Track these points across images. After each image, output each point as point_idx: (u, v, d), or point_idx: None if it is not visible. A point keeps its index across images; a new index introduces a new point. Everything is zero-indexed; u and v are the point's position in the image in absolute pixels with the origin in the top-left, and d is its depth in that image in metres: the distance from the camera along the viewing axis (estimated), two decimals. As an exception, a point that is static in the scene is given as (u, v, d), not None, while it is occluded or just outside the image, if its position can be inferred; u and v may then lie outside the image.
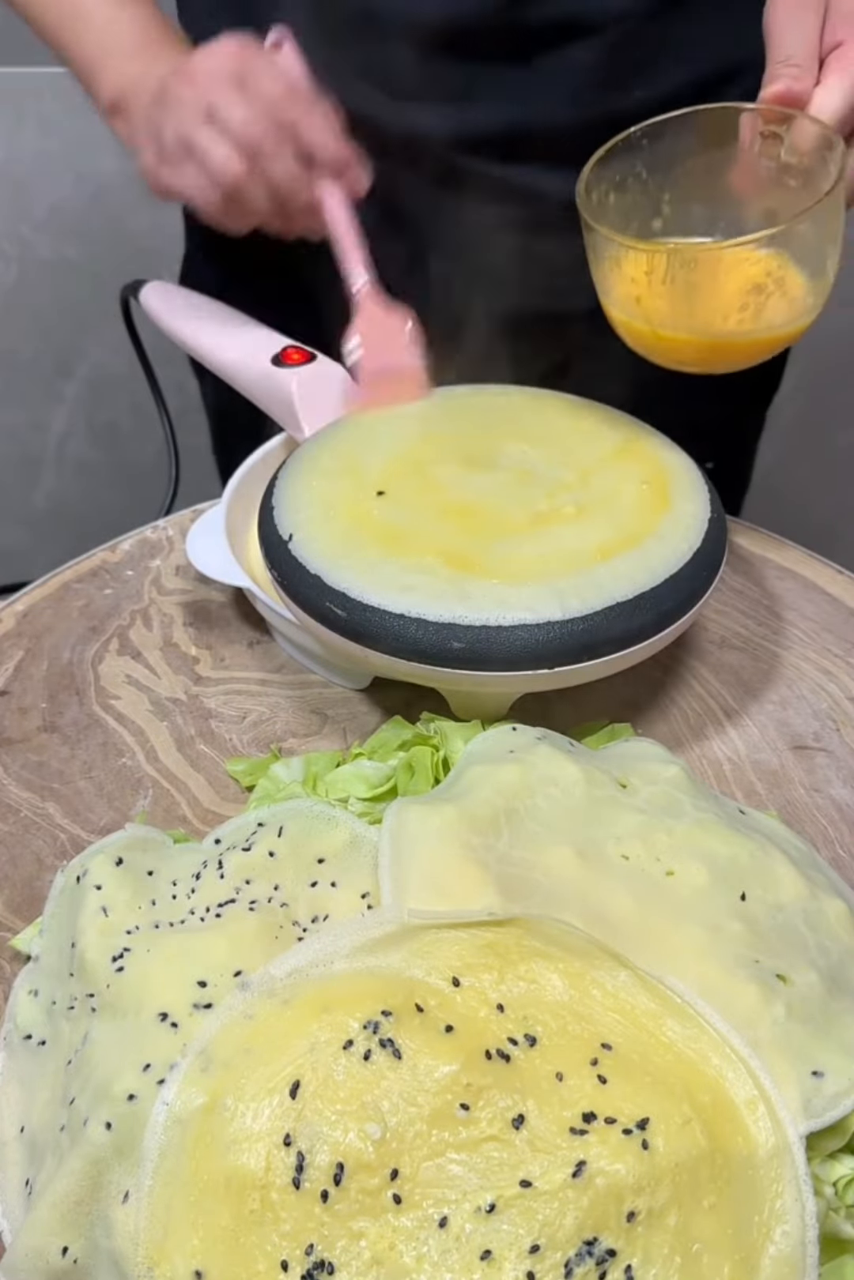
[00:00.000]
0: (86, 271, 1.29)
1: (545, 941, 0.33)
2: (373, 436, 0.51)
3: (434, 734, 0.44)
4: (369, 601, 0.44)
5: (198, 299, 0.67)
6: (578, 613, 0.43)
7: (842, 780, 0.48)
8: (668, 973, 0.33)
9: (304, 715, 0.52)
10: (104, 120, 0.67)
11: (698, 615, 0.48)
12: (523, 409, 0.54)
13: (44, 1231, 0.30)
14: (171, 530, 0.62)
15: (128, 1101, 0.30)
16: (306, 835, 0.38)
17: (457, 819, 0.36)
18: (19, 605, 0.57)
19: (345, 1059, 0.30)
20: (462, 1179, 0.28)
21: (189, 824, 0.46)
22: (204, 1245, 0.28)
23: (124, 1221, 0.29)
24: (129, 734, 0.50)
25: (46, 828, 0.46)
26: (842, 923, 0.37)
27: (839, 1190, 0.31)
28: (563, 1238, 0.27)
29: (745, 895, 0.36)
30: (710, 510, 0.49)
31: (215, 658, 0.55)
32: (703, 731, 0.51)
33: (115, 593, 0.58)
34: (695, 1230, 0.28)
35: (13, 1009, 0.37)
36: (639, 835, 0.37)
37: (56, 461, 1.44)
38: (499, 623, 0.43)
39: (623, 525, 0.46)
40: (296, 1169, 0.28)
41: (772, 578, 0.60)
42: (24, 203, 1.25)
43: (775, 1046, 0.32)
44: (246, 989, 0.32)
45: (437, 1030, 0.30)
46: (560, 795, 0.38)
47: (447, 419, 0.52)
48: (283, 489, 0.50)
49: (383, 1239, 0.28)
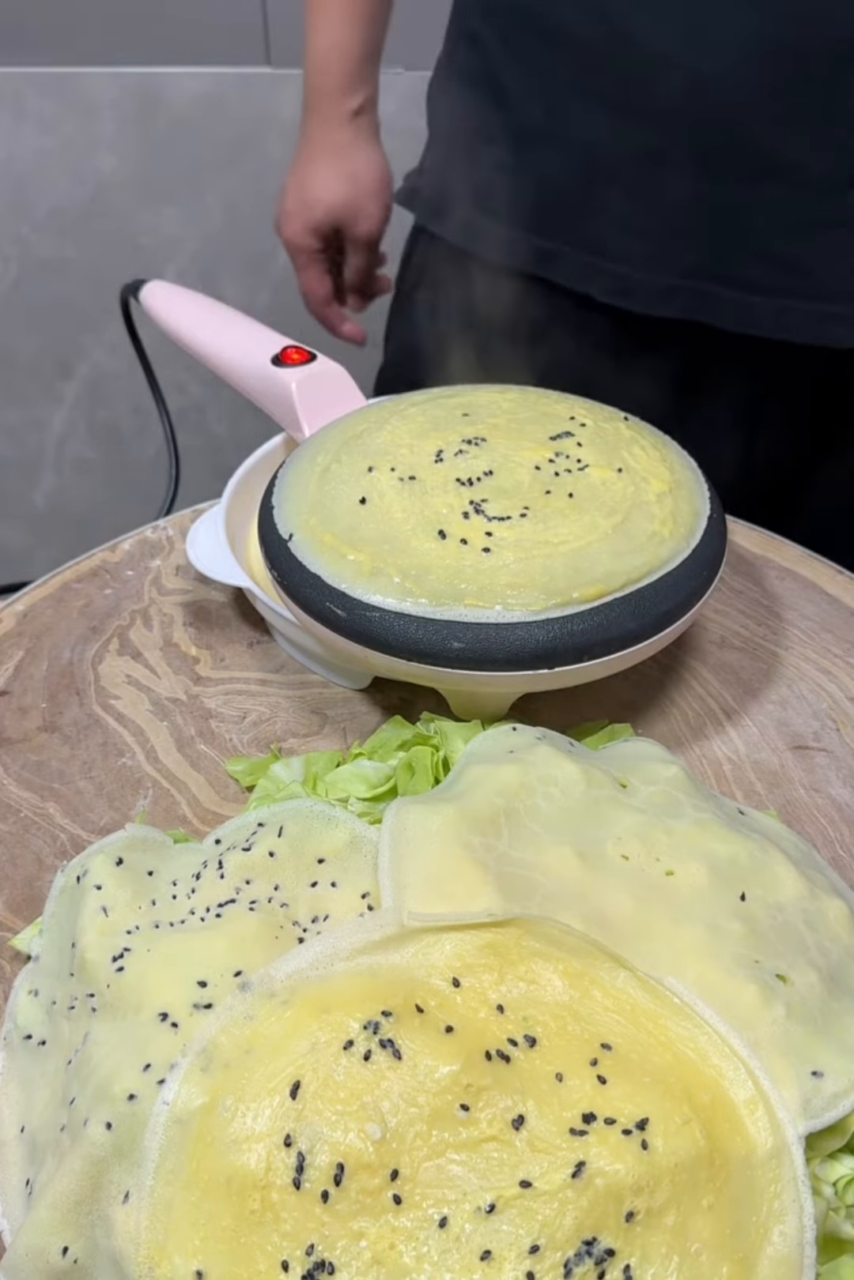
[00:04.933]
0: (86, 271, 1.29)
1: (545, 942, 0.33)
2: (373, 435, 0.51)
3: (434, 734, 0.44)
4: (369, 601, 0.44)
5: (198, 299, 0.67)
6: (578, 612, 0.43)
7: (842, 780, 0.49)
8: (667, 973, 0.33)
9: (304, 715, 0.52)
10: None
11: (698, 615, 0.48)
12: (522, 406, 0.54)
13: (44, 1231, 0.30)
14: (171, 530, 0.63)
15: (128, 1101, 0.30)
16: (306, 835, 0.38)
17: (456, 819, 0.36)
18: (19, 605, 0.57)
19: (346, 1059, 0.30)
20: (462, 1179, 0.28)
21: (189, 824, 0.46)
22: (205, 1245, 0.28)
23: (124, 1221, 0.29)
24: (129, 734, 0.51)
25: (46, 828, 0.46)
26: (842, 923, 0.37)
27: (839, 1190, 0.31)
28: (562, 1238, 0.27)
29: (745, 895, 0.36)
30: (710, 510, 0.49)
31: (215, 658, 0.55)
32: (703, 731, 0.51)
33: (115, 593, 0.58)
34: (694, 1230, 0.28)
35: (13, 1009, 0.37)
36: (639, 835, 0.37)
37: (56, 461, 1.44)
38: (499, 622, 0.43)
39: (622, 525, 0.46)
40: (297, 1169, 0.28)
41: (772, 578, 0.60)
42: (24, 203, 1.25)
43: (775, 1046, 0.32)
44: (247, 989, 0.32)
45: (437, 1031, 0.30)
46: (560, 795, 0.38)
47: (447, 417, 0.52)
48: (283, 489, 0.50)
49: (383, 1239, 0.28)
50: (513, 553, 0.45)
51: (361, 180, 0.83)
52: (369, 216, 0.85)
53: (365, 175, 0.84)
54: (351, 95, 0.81)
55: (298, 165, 0.84)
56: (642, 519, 0.47)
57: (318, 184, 0.83)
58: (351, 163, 0.83)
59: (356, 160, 0.83)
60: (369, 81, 0.82)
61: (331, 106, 0.81)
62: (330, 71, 0.80)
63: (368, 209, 0.84)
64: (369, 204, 0.84)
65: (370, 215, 0.85)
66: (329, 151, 0.82)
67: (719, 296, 0.67)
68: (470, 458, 0.49)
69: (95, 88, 1.19)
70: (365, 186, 0.84)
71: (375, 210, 0.85)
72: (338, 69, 0.80)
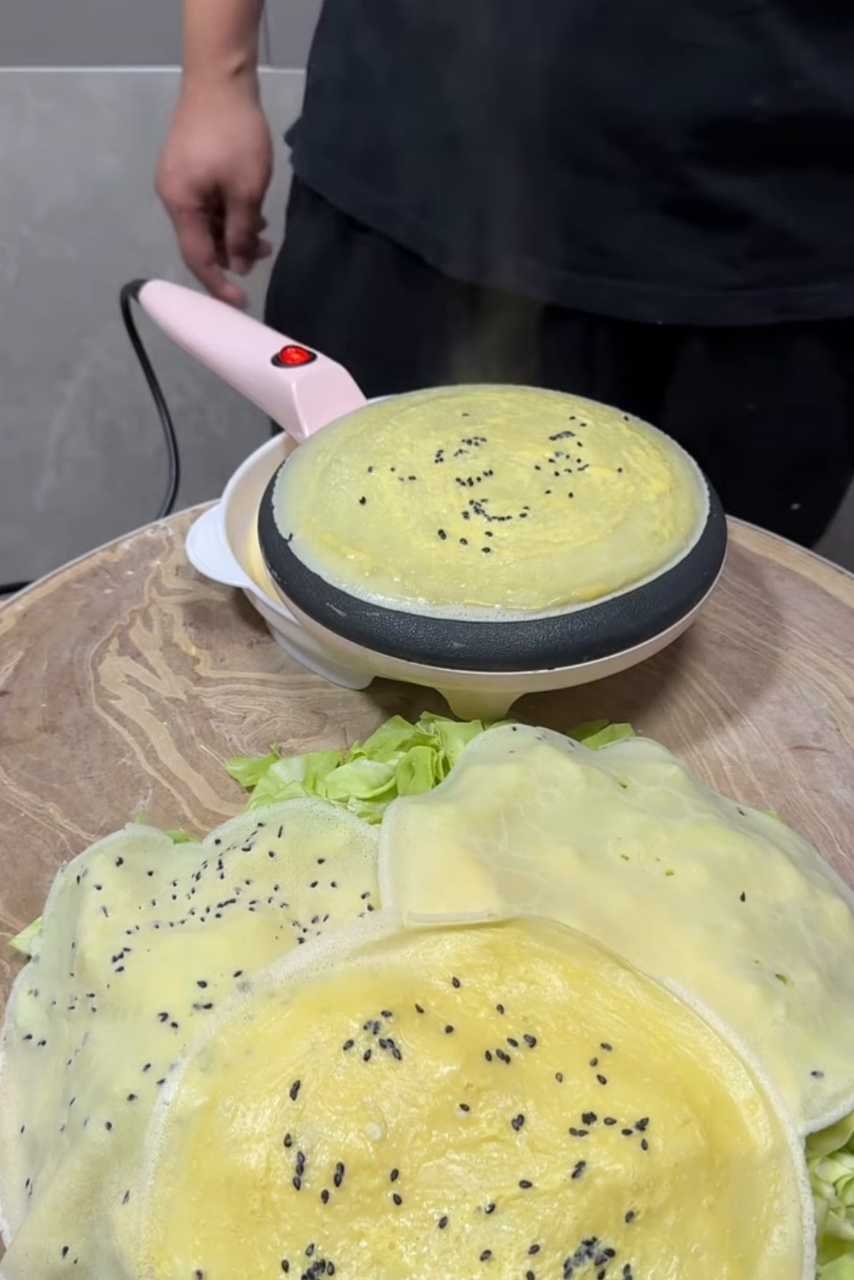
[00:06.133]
0: (86, 271, 1.29)
1: (545, 942, 0.33)
2: (373, 435, 0.51)
3: (434, 734, 0.44)
4: (369, 601, 0.44)
5: (198, 299, 0.67)
6: (578, 612, 0.43)
7: (842, 780, 0.49)
8: (667, 973, 0.33)
9: (304, 715, 0.52)
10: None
11: (698, 615, 0.48)
12: (522, 406, 0.54)
13: (44, 1231, 0.30)
14: (171, 530, 0.63)
15: (128, 1101, 0.30)
16: (307, 835, 0.38)
17: (456, 819, 0.36)
18: (19, 605, 0.57)
19: (346, 1059, 0.30)
20: (462, 1179, 0.28)
21: (189, 824, 0.46)
22: (205, 1245, 0.28)
23: (125, 1221, 0.29)
24: (129, 734, 0.51)
25: (46, 828, 0.46)
26: (842, 923, 0.37)
27: (839, 1190, 0.31)
28: (562, 1238, 0.27)
29: (745, 895, 0.36)
30: (710, 510, 0.49)
31: (215, 658, 0.55)
32: (703, 731, 0.51)
33: (115, 593, 0.58)
34: (694, 1230, 0.28)
35: (13, 1009, 0.37)
36: (639, 835, 0.37)
37: (56, 461, 1.44)
38: (499, 622, 0.43)
39: (622, 524, 0.46)
40: (297, 1169, 0.28)
41: (772, 578, 0.60)
42: (24, 203, 1.25)
43: (775, 1047, 0.32)
44: (247, 990, 0.32)
45: (437, 1031, 0.30)
46: (560, 795, 0.38)
47: (447, 417, 0.52)
48: (283, 489, 0.50)
49: (383, 1239, 0.28)
50: (513, 552, 0.45)
51: (241, 140, 0.85)
52: (249, 176, 0.86)
53: (245, 135, 0.85)
54: (230, 55, 0.82)
55: (177, 125, 0.85)
56: (641, 519, 0.47)
57: (198, 143, 0.84)
58: (231, 122, 0.84)
59: (237, 120, 0.84)
60: (248, 42, 0.83)
61: (210, 66, 0.82)
62: (208, 31, 0.81)
63: (247, 169, 0.86)
64: (249, 164, 0.86)
65: (250, 175, 0.86)
66: (209, 110, 0.84)
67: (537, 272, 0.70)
68: (470, 458, 0.49)
69: (95, 88, 1.19)
70: (245, 146, 0.85)
71: (255, 170, 0.86)
72: (216, 29, 0.81)
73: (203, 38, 0.81)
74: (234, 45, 0.82)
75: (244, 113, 0.85)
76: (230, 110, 0.84)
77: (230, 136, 0.84)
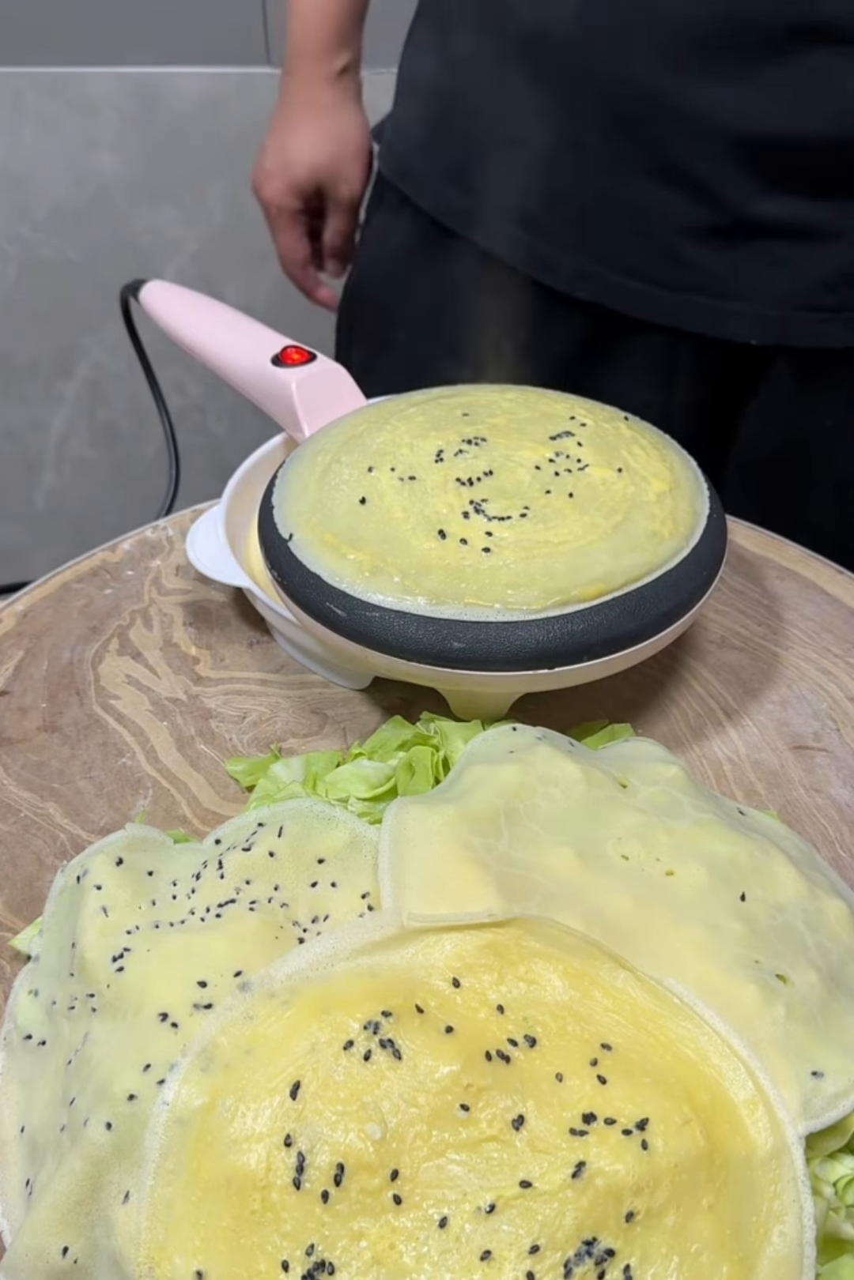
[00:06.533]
0: (86, 271, 1.29)
1: (545, 942, 0.33)
2: (373, 435, 0.51)
3: (434, 734, 0.44)
4: (369, 601, 0.44)
5: (198, 299, 0.67)
6: (578, 612, 0.43)
7: (842, 780, 0.49)
8: (667, 973, 0.33)
9: (304, 715, 0.52)
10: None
11: (698, 615, 0.48)
12: (522, 406, 0.54)
13: (44, 1231, 0.30)
14: (171, 530, 0.63)
15: (128, 1101, 0.30)
16: (307, 835, 0.38)
17: (456, 819, 0.36)
18: (19, 605, 0.57)
19: (346, 1059, 0.30)
20: (462, 1179, 0.28)
21: (189, 824, 0.46)
22: (205, 1245, 0.28)
23: (125, 1222, 0.29)
24: (129, 734, 0.51)
25: (46, 828, 0.46)
26: (842, 923, 0.37)
27: (839, 1190, 0.31)
28: (562, 1238, 0.27)
29: (745, 895, 0.36)
30: (710, 510, 0.49)
31: (215, 658, 0.55)
32: (703, 731, 0.51)
33: (115, 593, 0.58)
34: (694, 1230, 0.28)
35: (13, 1009, 0.37)
36: (639, 835, 0.37)
37: (56, 461, 1.44)
38: (499, 621, 0.43)
39: (622, 524, 0.46)
40: (297, 1169, 0.28)
41: (772, 578, 0.60)
42: (24, 203, 1.25)
43: (775, 1047, 0.32)
44: (247, 990, 0.32)
45: (437, 1031, 0.30)
46: (560, 795, 0.38)
47: (447, 417, 0.52)
48: (283, 489, 0.50)
49: (383, 1239, 0.28)
50: (513, 552, 0.45)
51: (345, 141, 0.84)
52: (351, 178, 0.85)
53: (349, 136, 0.84)
54: (336, 56, 0.81)
55: (278, 126, 0.84)
56: (641, 519, 0.47)
57: (301, 144, 0.83)
58: (335, 124, 0.83)
59: (340, 121, 0.83)
60: (353, 43, 0.83)
61: (315, 67, 0.81)
62: (315, 31, 0.80)
63: (350, 170, 0.85)
64: (351, 165, 0.85)
65: (352, 177, 0.85)
66: (313, 112, 0.83)
67: (624, 286, 0.70)
68: (470, 457, 0.49)
69: (95, 88, 1.19)
70: (348, 147, 0.84)
71: (357, 172, 0.85)
72: (322, 30, 0.80)
73: (309, 37, 0.81)
74: (340, 45, 0.81)
75: (348, 114, 0.84)
76: (334, 111, 0.83)
77: (334, 137, 0.83)
